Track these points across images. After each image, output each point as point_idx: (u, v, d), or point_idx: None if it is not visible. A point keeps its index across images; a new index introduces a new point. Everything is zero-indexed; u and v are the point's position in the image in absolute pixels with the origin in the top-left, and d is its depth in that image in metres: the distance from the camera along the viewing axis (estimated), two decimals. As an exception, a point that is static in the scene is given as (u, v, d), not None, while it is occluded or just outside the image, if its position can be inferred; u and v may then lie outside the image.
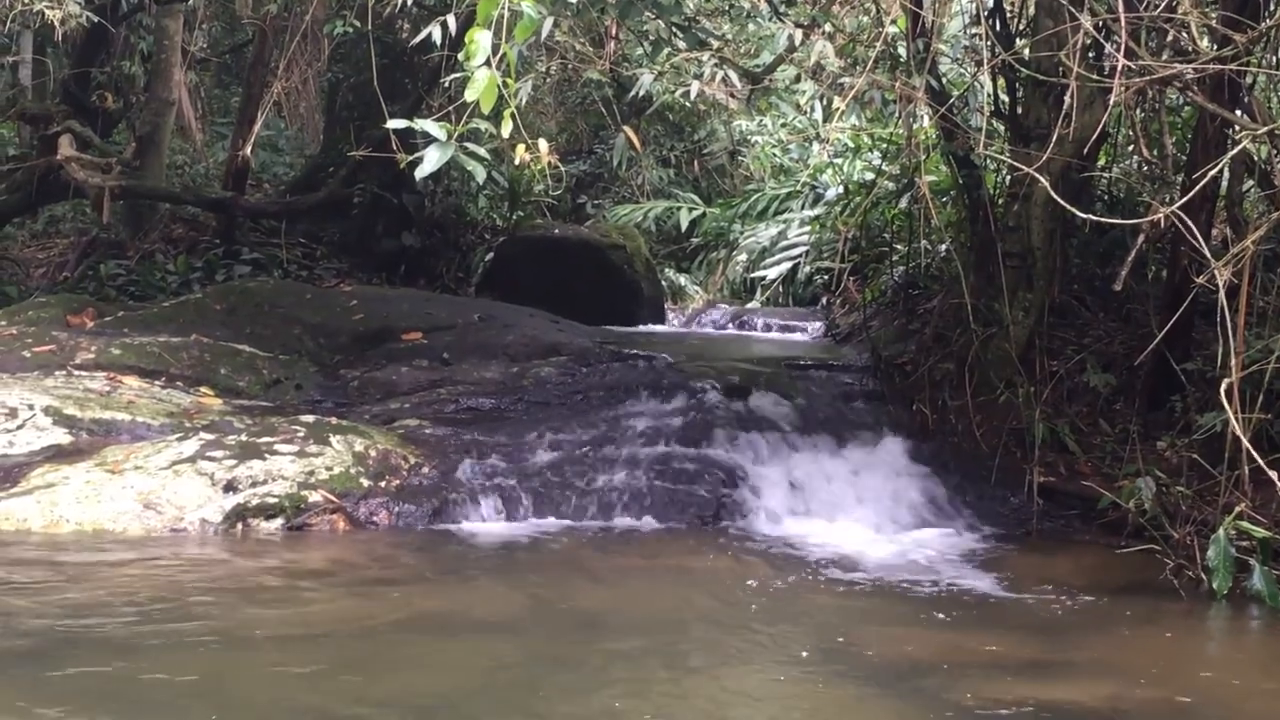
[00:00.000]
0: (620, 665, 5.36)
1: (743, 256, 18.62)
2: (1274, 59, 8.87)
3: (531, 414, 9.43)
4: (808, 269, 17.03)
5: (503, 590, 6.56)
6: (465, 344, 10.89)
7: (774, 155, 20.39)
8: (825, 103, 17.84)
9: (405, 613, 6.00)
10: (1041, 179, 6.90)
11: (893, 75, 9.04)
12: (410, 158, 5.05)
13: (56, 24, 11.35)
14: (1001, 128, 10.30)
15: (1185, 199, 6.83)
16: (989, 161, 9.99)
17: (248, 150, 16.60)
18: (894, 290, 12.65)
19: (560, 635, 5.78)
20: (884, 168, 13.02)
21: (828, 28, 8.95)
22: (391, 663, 5.24)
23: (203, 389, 9.60)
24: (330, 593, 6.30)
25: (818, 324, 14.98)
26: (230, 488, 7.53)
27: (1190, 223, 6.57)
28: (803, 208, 18.16)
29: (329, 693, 4.88)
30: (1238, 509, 6.92)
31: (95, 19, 13.26)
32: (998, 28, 9.83)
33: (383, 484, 7.94)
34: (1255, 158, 8.72)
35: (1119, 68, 6.52)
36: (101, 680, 4.80)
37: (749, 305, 17.29)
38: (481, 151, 5.10)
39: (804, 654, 5.66)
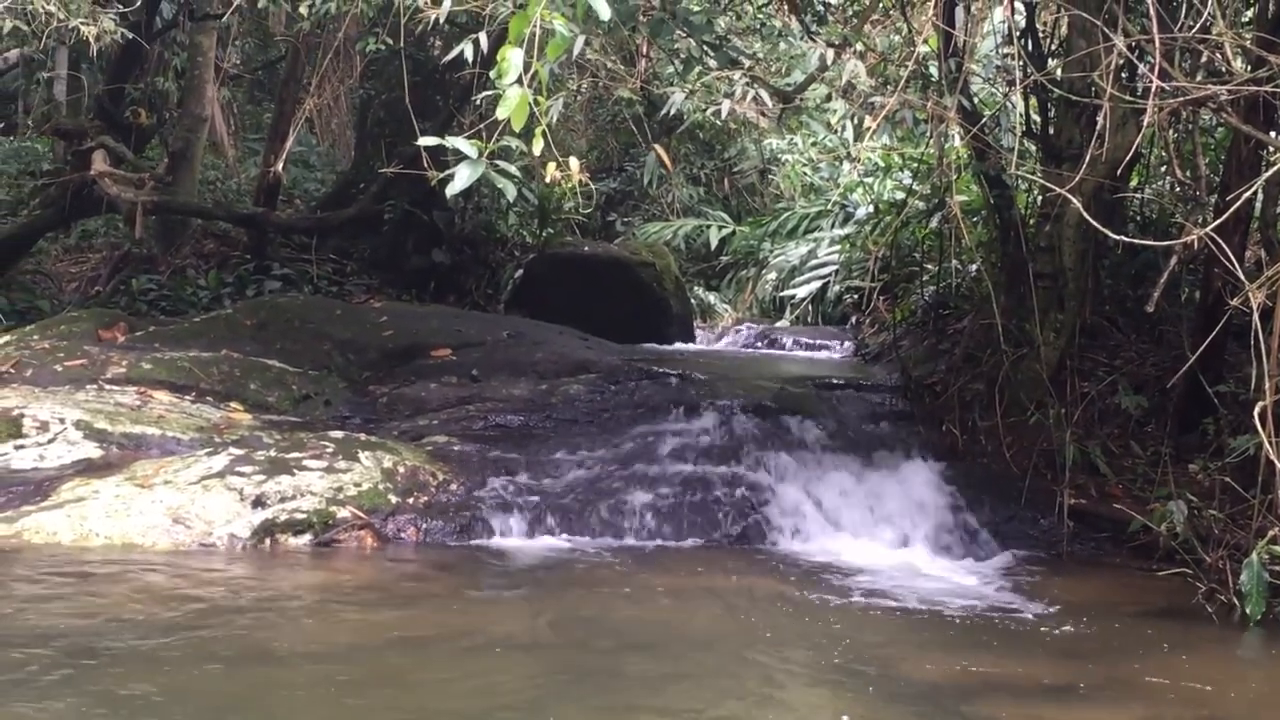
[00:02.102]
0: (648, 684, 5.34)
1: (772, 275, 18.63)
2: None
3: (560, 431, 9.43)
4: (837, 288, 17.04)
5: (530, 608, 6.56)
6: (494, 361, 10.91)
7: (804, 174, 20.41)
8: (856, 122, 17.75)
9: (433, 629, 6.00)
10: (1073, 199, 6.87)
11: (924, 95, 9.02)
12: (441, 175, 5.05)
13: (91, 40, 11.42)
14: (1033, 148, 10.29)
15: (1219, 221, 6.77)
16: (1020, 182, 9.97)
17: (279, 166, 16.68)
18: (924, 310, 12.63)
19: (588, 654, 5.77)
20: (915, 187, 13.00)
21: (859, 47, 8.93)
22: (419, 679, 5.23)
23: (232, 404, 9.63)
24: (358, 609, 6.29)
25: (847, 343, 14.98)
26: (259, 503, 7.54)
27: (1224, 244, 6.53)
28: (833, 227, 18.18)
29: (356, 709, 4.88)
30: (1271, 533, 6.85)
31: (130, 35, 13.33)
32: (1030, 48, 9.82)
33: (411, 500, 7.94)
34: (1289, 179, 8.66)
35: (1152, 88, 6.49)
36: (129, 693, 4.80)
37: (778, 324, 17.30)
38: (512, 169, 5.10)
39: (834, 674, 5.63)
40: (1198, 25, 6.92)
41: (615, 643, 5.97)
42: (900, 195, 14.68)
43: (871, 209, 16.62)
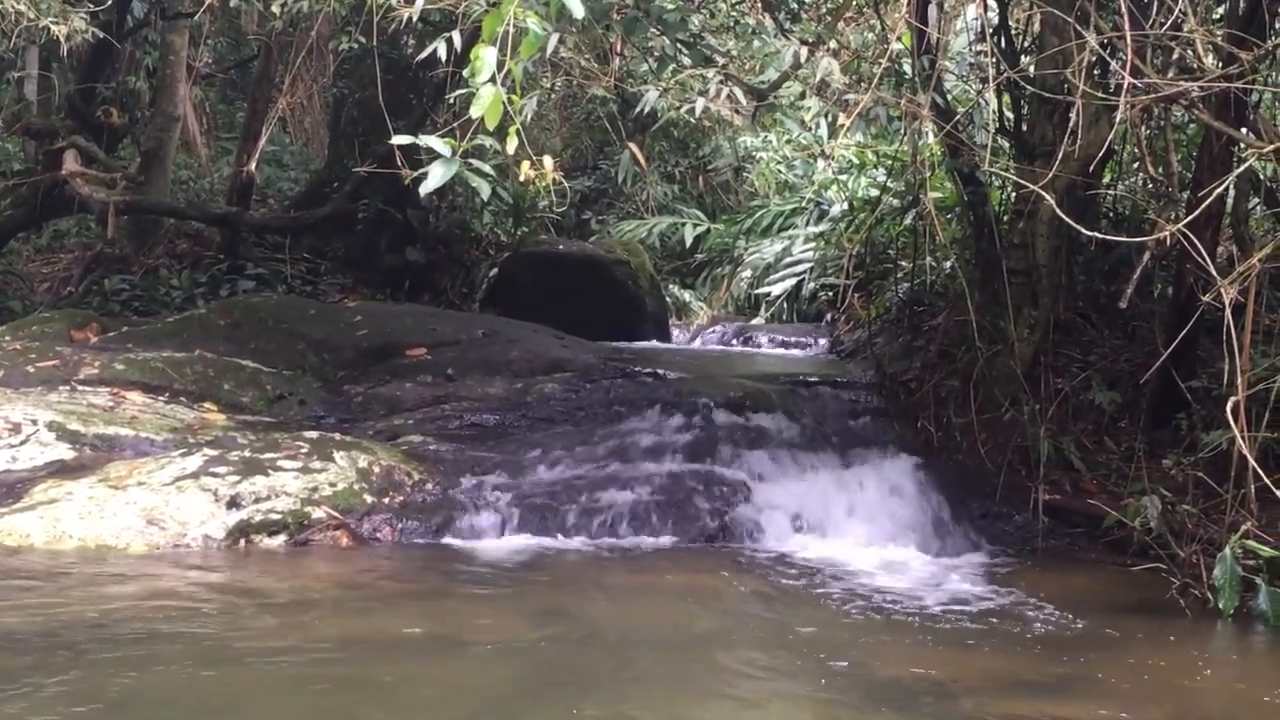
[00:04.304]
0: (625, 685, 5.34)
1: (747, 272, 18.64)
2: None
3: (535, 430, 9.42)
4: (812, 285, 17.06)
5: (506, 608, 6.54)
6: (469, 360, 10.90)
7: (779, 171, 20.44)
8: (830, 119, 17.86)
9: (408, 630, 5.98)
10: (1047, 196, 6.88)
11: (898, 92, 9.05)
12: (415, 174, 5.04)
13: (62, 39, 11.36)
14: (1006, 145, 10.30)
15: (1191, 217, 6.81)
16: (994, 178, 9.99)
17: (252, 165, 16.64)
18: (899, 307, 12.66)
19: (564, 654, 5.76)
20: (889, 184, 13.03)
21: (833, 44, 8.95)
22: (394, 680, 5.22)
23: (206, 404, 9.60)
24: (333, 610, 6.28)
25: (822, 340, 15.00)
26: (234, 504, 7.51)
27: (1196, 240, 6.55)
28: (807, 224, 18.20)
29: (331, 711, 4.87)
30: (1244, 528, 6.90)
31: (101, 35, 13.28)
32: (1003, 45, 9.84)
33: (386, 500, 7.92)
34: (1261, 175, 8.72)
35: (1124, 85, 6.51)
36: (103, 696, 4.78)
37: (753, 321, 17.32)
38: (486, 167, 5.09)
39: (810, 672, 5.64)
40: (1169, 22, 6.93)
41: (590, 643, 5.96)
42: (874, 192, 14.69)
43: (846, 206, 16.63)
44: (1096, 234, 7.46)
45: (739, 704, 5.22)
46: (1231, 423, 6.45)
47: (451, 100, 12.54)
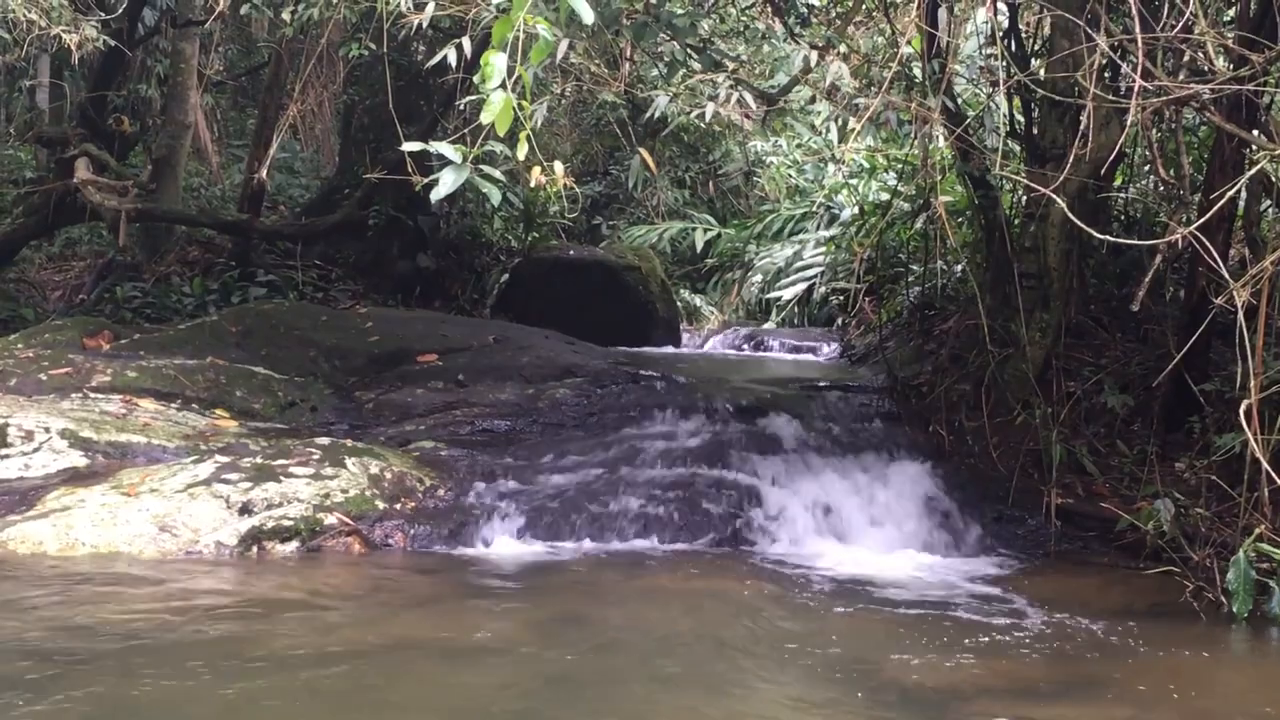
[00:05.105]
0: (640, 690, 5.33)
1: (758, 277, 18.65)
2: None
3: (547, 436, 9.42)
4: (823, 290, 17.06)
5: (519, 613, 6.54)
6: (480, 366, 10.89)
7: (789, 176, 20.43)
8: (840, 123, 17.81)
9: (420, 635, 5.98)
10: (1058, 199, 6.88)
11: (908, 96, 9.03)
12: (426, 180, 5.04)
13: (74, 48, 11.41)
14: (1017, 148, 10.30)
15: (1202, 219, 6.79)
16: (1005, 182, 9.98)
17: (263, 172, 16.65)
18: (910, 311, 12.65)
19: (578, 659, 5.75)
20: (899, 188, 13.01)
21: (843, 49, 8.94)
22: (408, 687, 5.22)
23: (218, 411, 9.60)
24: (345, 616, 6.28)
25: (833, 345, 15.00)
26: (245, 510, 7.52)
27: (1207, 243, 6.54)
28: (818, 228, 18.21)
29: (344, 718, 4.86)
30: (1257, 531, 6.87)
31: (112, 43, 13.33)
32: (1013, 48, 9.83)
33: (398, 506, 7.93)
34: (1273, 178, 8.69)
35: (1135, 88, 6.50)
36: (116, 702, 4.78)
37: (764, 326, 17.32)
38: (497, 173, 5.09)
39: (823, 678, 5.63)
40: (1180, 25, 6.93)
41: (604, 649, 5.96)
42: (885, 196, 14.70)
43: (856, 210, 16.64)
44: (1108, 237, 7.46)
45: (747, 708, 5.21)
46: (1245, 425, 6.44)
47: (462, 106, 12.57)
